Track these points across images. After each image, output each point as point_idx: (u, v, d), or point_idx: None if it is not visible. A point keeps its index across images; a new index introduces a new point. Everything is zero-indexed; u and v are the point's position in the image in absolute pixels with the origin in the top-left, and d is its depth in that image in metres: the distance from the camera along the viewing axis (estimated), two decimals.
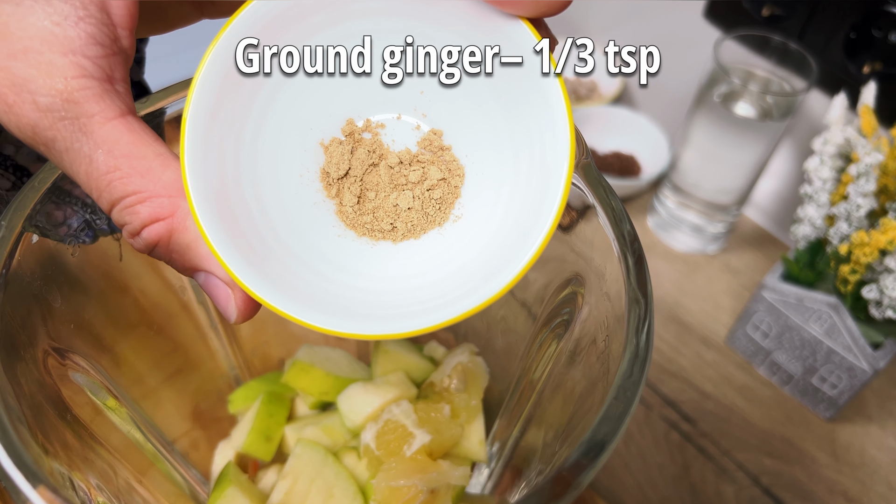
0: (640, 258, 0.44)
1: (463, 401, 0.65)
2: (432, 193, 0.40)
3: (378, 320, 0.37)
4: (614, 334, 0.44)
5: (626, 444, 0.89)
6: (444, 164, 0.40)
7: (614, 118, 1.18)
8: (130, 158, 0.35)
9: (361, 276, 0.40)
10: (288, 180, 0.40)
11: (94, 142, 0.35)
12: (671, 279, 1.05)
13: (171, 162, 0.36)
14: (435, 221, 0.40)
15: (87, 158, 0.35)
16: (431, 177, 0.40)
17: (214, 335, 0.66)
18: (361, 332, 0.36)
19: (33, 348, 0.46)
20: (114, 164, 0.35)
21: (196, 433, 0.68)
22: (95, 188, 0.36)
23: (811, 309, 0.85)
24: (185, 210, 0.36)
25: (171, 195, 0.35)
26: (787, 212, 1.08)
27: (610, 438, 0.37)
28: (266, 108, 0.38)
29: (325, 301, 0.38)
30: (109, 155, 0.35)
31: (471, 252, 0.39)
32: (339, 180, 0.40)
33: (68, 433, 0.47)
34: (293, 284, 0.37)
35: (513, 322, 0.63)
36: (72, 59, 0.34)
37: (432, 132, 0.40)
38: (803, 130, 1.00)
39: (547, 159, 0.36)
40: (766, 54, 0.94)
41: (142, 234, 0.36)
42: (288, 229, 0.39)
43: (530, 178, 0.38)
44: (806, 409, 0.92)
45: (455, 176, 0.40)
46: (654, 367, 0.96)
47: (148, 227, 0.36)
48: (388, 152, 0.40)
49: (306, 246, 0.39)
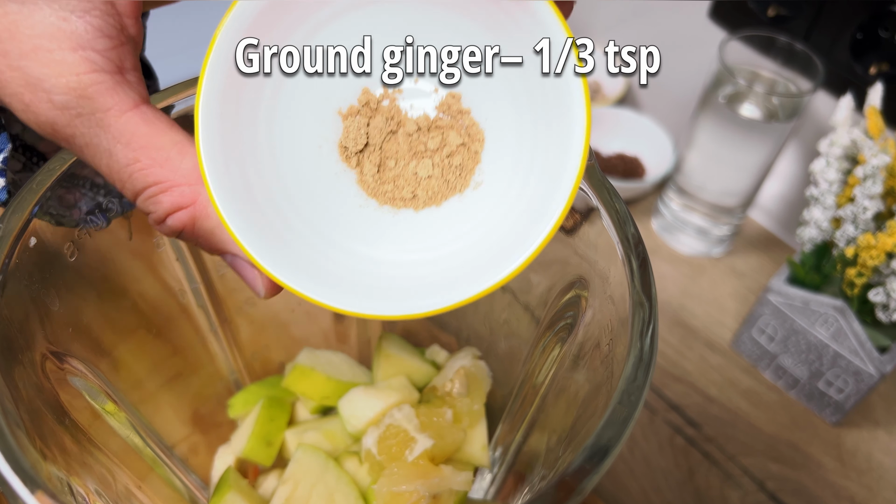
0: (645, 261, 0.44)
1: (465, 405, 0.65)
2: (452, 160, 0.40)
3: (401, 298, 0.37)
4: (618, 338, 0.44)
5: (631, 449, 0.88)
6: (463, 129, 0.40)
7: (618, 120, 1.18)
8: (148, 149, 0.36)
9: (383, 248, 0.40)
10: (307, 153, 0.40)
11: (111, 136, 0.36)
12: (676, 282, 1.05)
13: (188, 149, 0.36)
14: (455, 188, 0.40)
15: (107, 152, 0.36)
16: (451, 143, 0.40)
17: (214, 339, 0.66)
18: (385, 313, 0.36)
19: (31, 352, 0.46)
20: (133, 157, 0.36)
21: (196, 438, 0.68)
22: (118, 180, 0.37)
23: (817, 312, 0.85)
24: (206, 197, 0.37)
25: (191, 183, 0.37)
26: (792, 214, 1.08)
27: (614, 443, 0.37)
28: (279, 85, 0.38)
29: (347, 280, 0.38)
30: (128, 147, 0.36)
31: (493, 220, 0.39)
32: (358, 153, 0.40)
33: (67, 438, 0.47)
34: (317, 264, 0.38)
35: (516, 325, 0.63)
36: (81, 54, 0.34)
37: (451, 96, 0.40)
38: (809, 132, 1.00)
39: (563, 126, 0.36)
40: (772, 55, 0.94)
41: (166, 222, 0.37)
42: (309, 204, 0.39)
43: (548, 145, 0.37)
44: (812, 414, 0.92)
45: (475, 141, 0.40)
46: (659, 371, 0.96)
47: (172, 216, 0.37)
48: (405, 119, 0.40)
49: (328, 220, 0.40)
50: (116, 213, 0.52)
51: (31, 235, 0.45)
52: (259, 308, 0.69)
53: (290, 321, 0.72)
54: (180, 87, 0.51)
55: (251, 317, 0.69)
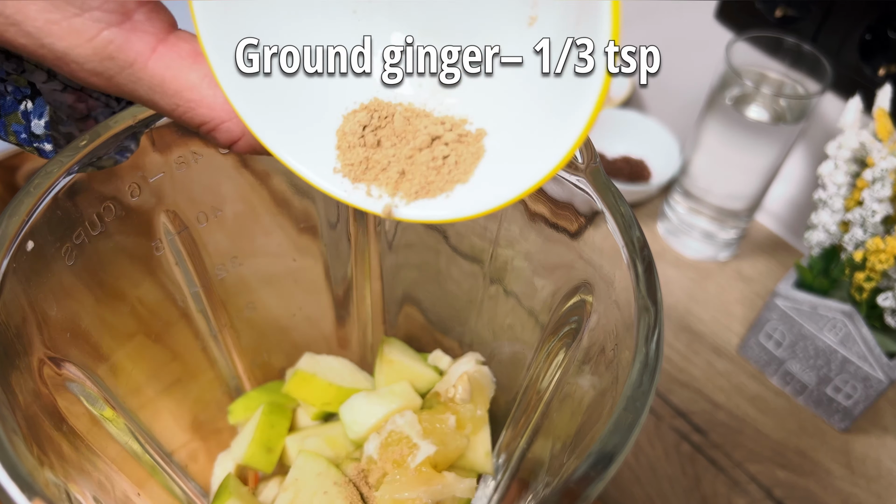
0: (650, 265, 0.44)
1: (468, 411, 0.65)
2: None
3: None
4: (623, 343, 0.44)
5: (636, 456, 0.88)
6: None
7: (623, 122, 1.18)
8: (182, 93, 0.37)
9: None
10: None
11: (147, 88, 0.37)
12: (682, 287, 1.05)
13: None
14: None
15: (152, 102, 0.38)
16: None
17: (214, 344, 0.66)
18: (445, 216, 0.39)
19: (28, 357, 0.46)
20: (173, 103, 0.37)
21: (195, 444, 0.68)
22: (177, 123, 0.39)
23: (825, 317, 0.84)
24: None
25: (232, 117, 0.38)
26: (800, 218, 1.08)
27: (619, 450, 0.37)
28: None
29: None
30: (164, 96, 0.37)
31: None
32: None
33: (64, 444, 0.47)
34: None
35: (520, 330, 0.63)
36: (86, 17, 0.35)
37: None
38: (817, 134, 1.00)
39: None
40: (780, 56, 0.94)
41: (233, 150, 0.40)
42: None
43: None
44: (820, 420, 0.92)
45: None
46: (665, 376, 0.96)
47: (233, 146, 0.39)
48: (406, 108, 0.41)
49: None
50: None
51: (29, 239, 0.45)
52: (259, 313, 0.69)
53: (290, 326, 0.72)
54: None
55: (251, 321, 0.69)
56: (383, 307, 0.72)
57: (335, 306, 0.72)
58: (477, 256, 0.64)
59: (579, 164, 0.48)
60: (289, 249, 0.66)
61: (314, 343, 0.74)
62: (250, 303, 0.67)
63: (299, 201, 0.64)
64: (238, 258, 0.64)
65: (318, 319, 0.73)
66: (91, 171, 0.48)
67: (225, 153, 0.56)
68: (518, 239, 0.59)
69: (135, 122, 0.50)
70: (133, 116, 0.50)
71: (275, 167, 0.61)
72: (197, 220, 0.59)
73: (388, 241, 0.67)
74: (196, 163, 0.56)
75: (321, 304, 0.71)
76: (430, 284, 0.70)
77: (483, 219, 0.61)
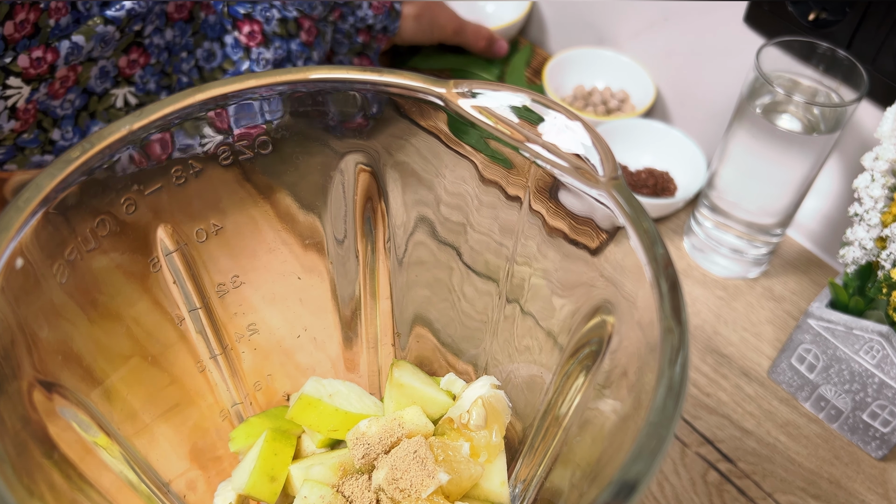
0: (675, 284, 0.44)
1: (483, 438, 0.65)
2: None
3: None
4: (647, 366, 0.44)
5: (660, 485, 0.88)
6: None
7: (647, 132, 1.17)
8: None
9: None
10: None
11: None
12: (709, 306, 1.05)
13: None
14: None
15: None
16: None
17: (214, 367, 0.66)
18: None
19: (17, 381, 0.46)
20: None
21: (194, 473, 0.68)
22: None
23: (861, 338, 0.84)
24: None
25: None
26: (834, 233, 1.07)
27: (642, 478, 0.37)
28: None
29: None
30: None
31: None
32: None
33: (55, 473, 0.47)
34: None
35: (537, 353, 0.63)
36: None
37: None
38: (852, 145, 0.99)
39: None
40: (813, 62, 0.94)
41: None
42: None
43: None
44: (856, 448, 0.92)
45: None
46: (690, 401, 0.95)
47: None
48: None
49: None
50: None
51: (18, 256, 0.45)
52: (262, 334, 0.69)
53: (295, 348, 0.72)
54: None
55: (254, 343, 0.69)
56: (393, 328, 0.73)
57: (342, 327, 0.72)
58: (492, 274, 0.64)
59: (600, 176, 0.48)
60: (293, 267, 0.67)
61: (320, 366, 0.74)
62: (252, 323, 0.67)
63: (304, 216, 0.64)
64: (239, 276, 0.64)
65: (324, 341, 0.73)
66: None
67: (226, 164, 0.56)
68: (536, 256, 0.59)
69: (129, 132, 0.50)
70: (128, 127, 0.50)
71: (278, 180, 0.61)
72: (196, 236, 0.59)
73: (398, 257, 0.67)
74: (195, 176, 0.56)
75: (328, 325, 0.71)
76: (442, 304, 0.70)
77: (499, 234, 0.61)
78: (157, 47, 0.84)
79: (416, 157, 0.61)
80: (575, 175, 0.50)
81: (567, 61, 1.26)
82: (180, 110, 0.53)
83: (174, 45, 0.86)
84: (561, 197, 0.53)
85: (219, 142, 0.57)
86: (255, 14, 0.92)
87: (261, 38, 0.93)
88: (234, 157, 0.58)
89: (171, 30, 0.85)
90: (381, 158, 0.62)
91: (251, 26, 0.92)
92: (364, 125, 0.59)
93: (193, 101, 0.53)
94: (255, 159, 0.59)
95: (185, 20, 0.86)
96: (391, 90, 0.56)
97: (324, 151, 0.61)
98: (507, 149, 0.55)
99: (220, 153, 0.57)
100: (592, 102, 1.24)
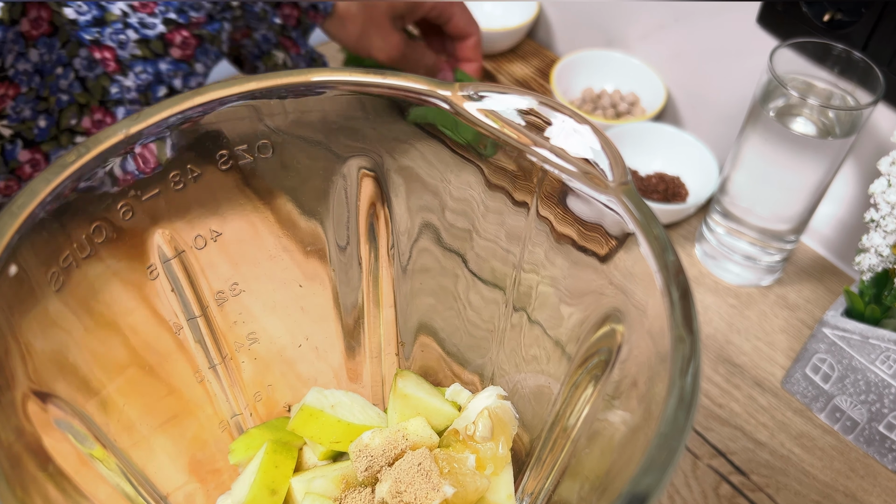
0: (686, 291, 0.44)
1: (489, 450, 0.64)
2: None
3: None
4: (657, 376, 0.44)
5: (671, 498, 0.88)
6: None
7: (657, 135, 1.17)
8: None
9: None
10: None
11: None
12: (721, 315, 1.05)
13: None
14: None
15: None
16: None
17: (213, 377, 0.66)
18: None
19: (11, 392, 0.46)
20: None
21: (192, 486, 0.67)
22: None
23: (877, 348, 0.84)
24: None
25: None
26: (850, 240, 1.07)
27: (652, 491, 0.37)
28: None
29: None
30: None
31: None
32: None
33: (50, 486, 0.47)
34: None
35: (545, 362, 0.63)
36: None
37: None
38: (868, 149, 0.99)
39: None
40: (828, 64, 0.94)
41: None
42: None
43: None
44: (872, 460, 0.91)
45: None
46: (702, 412, 0.95)
47: None
48: None
49: None
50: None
51: (12, 263, 0.45)
52: (263, 344, 0.69)
53: (296, 358, 0.72)
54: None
55: (254, 353, 0.69)
56: (397, 337, 0.72)
57: (345, 336, 0.72)
58: (499, 282, 0.64)
59: (609, 181, 0.48)
60: (295, 274, 0.67)
61: (322, 376, 0.74)
62: (252, 332, 0.67)
63: (306, 222, 0.64)
64: (239, 284, 0.64)
65: (326, 350, 0.73)
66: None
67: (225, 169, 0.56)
68: (543, 263, 0.59)
69: (125, 137, 0.50)
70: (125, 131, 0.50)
71: (279, 185, 0.61)
72: (195, 243, 0.59)
73: (402, 265, 0.67)
74: (194, 181, 0.56)
75: (330, 334, 0.71)
76: (447, 312, 0.70)
77: (505, 241, 0.61)
78: (26, 73, 0.76)
79: (421, 161, 0.61)
80: (583, 180, 0.50)
81: (575, 63, 1.26)
82: (178, 114, 0.53)
83: (45, 65, 0.77)
84: (569, 202, 0.53)
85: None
86: (105, 39, 0.82)
87: (114, 65, 0.83)
88: (234, 162, 0.58)
89: (34, 50, 0.76)
90: (385, 163, 0.61)
91: (101, 53, 0.82)
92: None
93: (192, 103, 0.53)
94: (255, 163, 0.59)
95: (47, 34, 0.77)
96: (395, 93, 0.56)
97: (326, 156, 0.61)
98: (513, 153, 0.55)
99: (218, 158, 0.57)
100: (601, 105, 1.24)
